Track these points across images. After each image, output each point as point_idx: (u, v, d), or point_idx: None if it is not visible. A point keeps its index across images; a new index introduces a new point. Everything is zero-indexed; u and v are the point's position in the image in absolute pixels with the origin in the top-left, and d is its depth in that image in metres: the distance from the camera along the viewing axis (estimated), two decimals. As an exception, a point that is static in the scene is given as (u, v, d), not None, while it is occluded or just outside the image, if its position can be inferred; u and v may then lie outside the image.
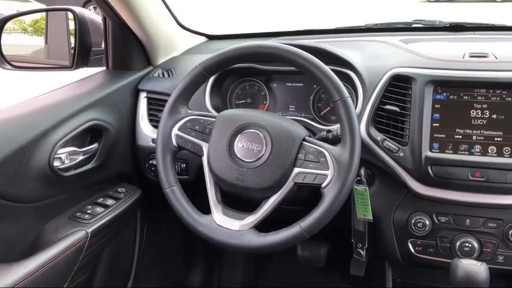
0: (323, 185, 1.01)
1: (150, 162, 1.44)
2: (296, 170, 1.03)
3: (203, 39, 1.79)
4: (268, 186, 1.04)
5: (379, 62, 1.26)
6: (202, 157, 1.12)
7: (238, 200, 1.10)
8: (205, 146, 1.12)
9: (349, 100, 1.02)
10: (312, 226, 1.01)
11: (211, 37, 1.80)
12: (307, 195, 1.23)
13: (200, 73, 1.13)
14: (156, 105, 1.44)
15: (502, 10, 10.50)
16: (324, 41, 1.47)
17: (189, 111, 1.16)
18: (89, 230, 1.20)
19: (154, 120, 1.44)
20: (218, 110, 1.36)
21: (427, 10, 10.88)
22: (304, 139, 1.06)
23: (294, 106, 1.43)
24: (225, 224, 1.06)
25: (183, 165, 1.40)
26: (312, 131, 1.29)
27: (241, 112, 1.15)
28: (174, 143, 1.14)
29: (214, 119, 1.13)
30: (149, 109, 1.46)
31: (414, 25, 1.65)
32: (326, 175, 1.01)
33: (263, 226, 1.05)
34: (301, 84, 1.42)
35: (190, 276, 1.88)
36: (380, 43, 1.41)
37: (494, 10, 10.39)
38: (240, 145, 1.08)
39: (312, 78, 1.06)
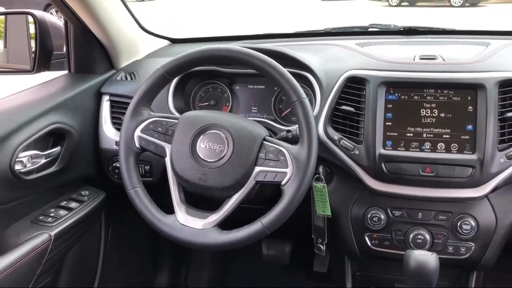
0: (283, 182, 1.05)
1: (114, 164, 1.45)
2: (257, 168, 1.07)
3: (166, 42, 1.81)
4: (230, 185, 1.07)
5: (336, 65, 1.31)
6: (165, 158, 1.14)
7: (201, 200, 1.13)
8: (167, 147, 1.14)
9: (306, 101, 1.06)
10: (273, 222, 1.04)
11: (174, 41, 1.81)
12: (271, 194, 1.26)
13: (162, 76, 1.15)
14: (119, 108, 1.45)
15: (459, 14, 10.91)
16: (285, 45, 1.52)
17: (152, 113, 1.18)
18: (52, 233, 1.20)
19: (117, 123, 1.45)
20: (181, 112, 1.38)
21: (390, 14, 11.17)
22: (264, 139, 1.09)
23: (256, 108, 1.47)
24: (188, 223, 1.09)
25: (147, 167, 1.41)
26: (273, 132, 1.33)
27: (203, 113, 1.17)
28: (137, 144, 1.15)
29: (176, 121, 1.15)
30: (112, 112, 1.47)
31: (370, 29, 1.72)
32: (285, 173, 1.05)
33: (230, 225, 1.08)
34: (262, 87, 1.46)
35: (157, 276, 1.88)
36: (338, 46, 1.47)
37: (452, 15, 10.79)
38: (202, 146, 1.11)
39: (271, 80, 1.10)
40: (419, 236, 1.19)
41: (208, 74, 1.47)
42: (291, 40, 1.69)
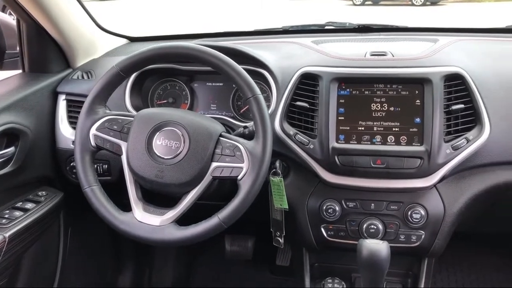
0: (239, 177, 1.07)
1: (72, 164, 1.44)
2: (214, 164, 1.09)
3: (124, 41, 1.80)
4: (187, 181, 1.08)
5: (291, 62, 1.34)
6: (121, 156, 1.14)
7: (160, 197, 1.14)
8: (123, 145, 1.14)
9: (261, 97, 1.09)
10: (230, 216, 1.06)
11: (132, 39, 1.81)
12: (231, 190, 1.28)
13: (116, 74, 1.15)
14: (75, 107, 1.44)
15: (421, 13, 11.21)
16: (243, 43, 1.54)
17: (107, 111, 1.18)
18: (7, 235, 1.18)
19: (74, 123, 1.44)
20: (139, 110, 1.38)
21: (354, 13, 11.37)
22: (220, 135, 1.11)
23: (215, 105, 1.48)
24: (146, 220, 1.09)
25: (105, 166, 1.41)
26: (232, 128, 1.35)
27: (159, 110, 1.18)
28: (93, 143, 1.15)
29: (132, 119, 1.15)
30: (68, 111, 1.46)
31: (326, 27, 1.77)
32: (241, 168, 1.07)
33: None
34: (221, 84, 1.48)
35: (119, 276, 1.87)
36: (294, 44, 1.50)
37: (414, 13, 11.07)
38: (158, 143, 1.11)
39: (226, 77, 1.12)
40: (372, 226, 1.23)
41: (166, 71, 1.47)
42: (250, 38, 1.72)
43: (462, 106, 1.16)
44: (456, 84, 1.19)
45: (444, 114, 1.17)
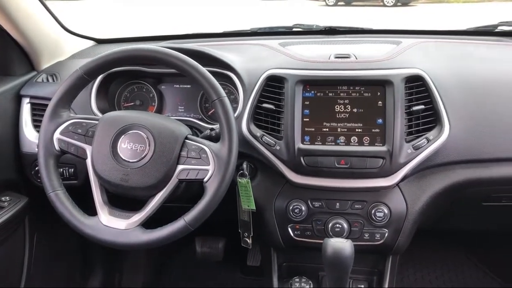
0: (205, 179, 1.07)
1: (36, 168, 1.41)
2: (180, 167, 1.09)
3: (91, 43, 1.78)
4: (152, 184, 1.08)
5: (257, 64, 1.35)
6: (86, 160, 1.13)
7: (127, 200, 1.14)
8: (88, 149, 1.13)
9: (226, 100, 1.10)
10: (196, 218, 1.07)
11: (99, 41, 1.79)
12: (197, 192, 1.28)
13: (80, 77, 1.14)
14: (40, 110, 1.42)
15: (391, 14, 11.39)
16: (210, 45, 1.55)
17: (72, 115, 1.17)
18: None
19: (38, 126, 1.41)
20: (105, 113, 1.38)
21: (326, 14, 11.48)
22: (186, 138, 1.12)
23: (183, 107, 1.49)
24: (111, 224, 1.09)
25: (71, 170, 1.40)
26: (200, 130, 1.36)
27: (124, 113, 1.18)
28: (57, 147, 1.14)
29: (97, 122, 1.15)
30: (33, 114, 1.43)
31: (294, 29, 1.79)
32: (207, 170, 1.08)
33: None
34: (189, 86, 1.48)
35: (88, 280, 1.85)
36: (261, 46, 1.51)
37: (385, 14, 11.25)
38: (123, 146, 1.11)
39: (191, 80, 1.12)
40: (337, 225, 1.26)
41: (132, 74, 1.47)
42: (218, 40, 1.72)
43: (422, 107, 1.20)
44: (416, 86, 1.22)
45: (405, 115, 1.20)
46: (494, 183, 1.27)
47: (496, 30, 1.68)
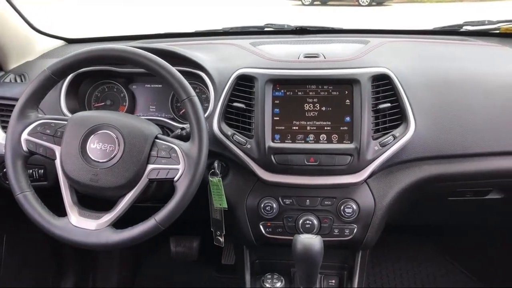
0: (175, 178, 1.08)
1: (4, 170, 1.39)
2: (150, 166, 1.09)
3: (61, 43, 1.76)
4: (122, 184, 1.08)
5: (228, 63, 1.36)
6: (55, 161, 1.13)
7: (97, 201, 1.13)
8: (57, 150, 1.12)
9: (195, 99, 1.10)
10: (166, 218, 1.07)
11: (70, 41, 1.77)
12: (168, 192, 1.29)
13: (48, 77, 1.13)
14: (7, 111, 1.40)
15: (367, 13, 11.55)
16: (182, 44, 1.55)
17: (40, 115, 1.16)
18: None
19: (6, 127, 1.38)
20: (75, 113, 1.37)
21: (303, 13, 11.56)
22: (156, 137, 1.12)
23: (154, 107, 1.49)
24: (81, 225, 1.09)
25: (41, 171, 1.38)
26: (172, 130, 1.36)
27: (93, 113, 1.17)
28: (24, 148, 1.13)
29: (65, 122, 1.14)
30: (0, 115, 1.41)
31: (266, 29, 1.80)
32: (177, 169, 1.08)
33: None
34: (160, 86, 1.48)
35: (62, 281, 1.83)
36: (232, 45, 1.52)
37: (360, 14, 11.40)
38: (92, 146, 1.10)
39: (161, 79, 1.13)
40: (308, 222, 1.28)
41: (103, 74, 1.46)
42: (189, 39, 1.73)
43: (388, 105, 1.23)
44: (383, 84, 1.25)
45: (372, 113, 1.22)
46: (458, 179, 1.31)
47: (461, 30, 1.73)
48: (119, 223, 1.10)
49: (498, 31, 1.69)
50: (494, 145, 1.27)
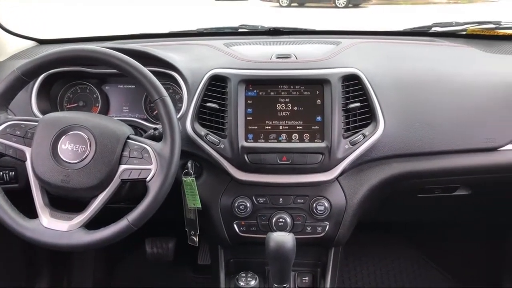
0: (148, 179, 1.08)
1: None
2: (122, 167, 1.10)
3: (33, 43, 1.74)
4: (94, 184, 1.08)
5: (201, 64, 1.37)
6: (26, 162, 1.12)
7: (70, 202, 1.13)
8: (27, 151, 1.11)
9: (168, 99, 1.11)
10: (139, 218, 1.08)
11: (41, 41, 1.75)
12: (142, 192, 1.29)
13: (18, 78, 1.12)
14: (-24, 113, 1.37)
15: (344, 15, 11.68)
16: (156, 45, 1.55)
17: (9, 117, 1.15)
18: None
19: None
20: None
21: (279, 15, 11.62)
22: (128, 137, 1.12)
23: (127, 108, 1.48)
24: (53, 226, 1.08)
25: (12, 173, 1.36)
26: (145, 131, 1.36)
27: (64, 114, 1.17)
28: None
29: (36, 123, 1.13)
30: (-32, 118, 1.39)
31: (240, 30, 1.82)
32: (150, 170, 1.09)
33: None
34: (133, 86, 1.48)
35: (36, 282, 1.81)
36: (205, 46, 1.53)
37: (339, 15, 11.51)
38: (64, 147, 1.10)
39: (133, 80, 1.13)
40: (281, 220, 1.30)
41: (75, 74, 1.45)
42: (163, 40, 1.73)
43: (358, 104, 1.26)
44: (353, 84, 1.28)
45: (342, 112, 1.25)
46: (426, 176, 1.35)
47: (430, 31, 1.77)
48: (93, 225, 1.10)
49: (465, 33, 1.74)
50: (460, 143, 1.31)
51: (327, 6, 13.49)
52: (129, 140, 1.12)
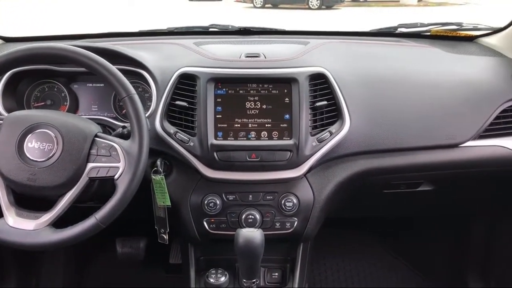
0: (116, 176, 1.09)
1: None
2: (90, 165, 1.10)
3: (-1, 41, 1.71)
4: (61, 183, 1.08)
5: (171, 62, 1.38)
6: None
7: (37, 201, 1.12)
8: None
9: (135, 97, 1.12)
10: (107, 216, 1.08)
11: (7, 39, 1.72)
12: (111, 191, 1.28)
13: None
14: None
15: (316, 16, 11.81)
16: (125, 43, 1.55)
17: None
18: None
19: None
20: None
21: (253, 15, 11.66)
22: (96, 135, 1.12)
23: (96, 106, 1.47)
24: (19, 225, 1.07)
25: None
26: (114, 129, 1.35)
27: (30, 112, 1.16)
28: None
29: (1, 122, 1.12)
30: None
31: (210, 29, 1.83)
32: (118, 167, 1.09)
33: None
34: (102, 85, 1.47)
35: (4, 282, 1.77)
36: (175, 45, 1.54)
37: (311, 17, 11.63)
38: (30, 146, 1.09)
39: (100, 78, 1.13)
40: (250, 216, 1.31)
41: (43, 73, 1.43)
42: (133, 38, 1.73)
43: (325, 102, 1.29)
44: (320, 83, 1.31)
45: (310, 110, 1.28)
46: (391, 172, 1.39)
47: (396, 31, 1.82)
48: (62, 224, 1.10)
49: (429, 33, 1.80)
50: (423, 140, 1.36)
51: (300, 7, 13.62)
52: (97, 138, 1.12)
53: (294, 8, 13.75)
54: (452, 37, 1.78)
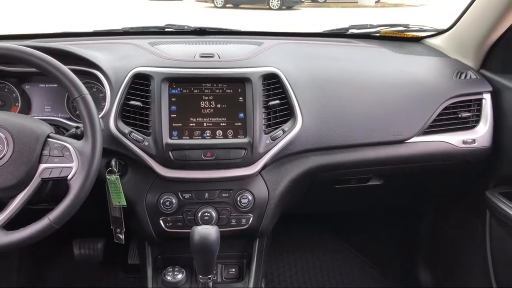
0: (69, 177, 1.08)
1: None
2: (42, 166, 1.09)
3: None
4: (12, 184, 1.07)
5: (125, 63, 1.38)
6: None
7: None
8: None
9: (88, 97, 1.12)
10: (61, 216, 1.07)
11: (-45, 39, 1.67)
12: (64, 192, 1.27)
13: None
14: None
15: (278, 16, 11.92)
16: (79, 43, 1.53)
17: None
18: None
19: None
20: None
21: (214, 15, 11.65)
22: (48, 136, 1.11)
23: (49, 107, 1.46)
24: None
25: None
26: (68, 130, 1.34)
27: None
28: None
29: None
30: None
31: (166, 29, 1.83)
32: (71, 168, 1.09)
33: None
34: (55, 85, 1.46)
35: None
36: (130, 45, 1.54)
37: (271, 17, 11.73)
38: None
39: (52, 78, 1.12)
40: (206, 214, 1.34)
41: None
42: (87, 38, 1.71)
43: (278, 101, 1.33)
44: (273, 83, 1.35)
45: (263, 109, 1.32)
46: (341, 167, 1.45)
47: (347, 32, 1.89)
48: (15, 227, 1.08)
49: (378, 34, 1.88)
50: (371, 137, 1.42)
51: (261, 8, 13.70)
52: (49, 139, 1.11)
53: (255, 8, 13.81)
54: (400, 38, 1.86)
